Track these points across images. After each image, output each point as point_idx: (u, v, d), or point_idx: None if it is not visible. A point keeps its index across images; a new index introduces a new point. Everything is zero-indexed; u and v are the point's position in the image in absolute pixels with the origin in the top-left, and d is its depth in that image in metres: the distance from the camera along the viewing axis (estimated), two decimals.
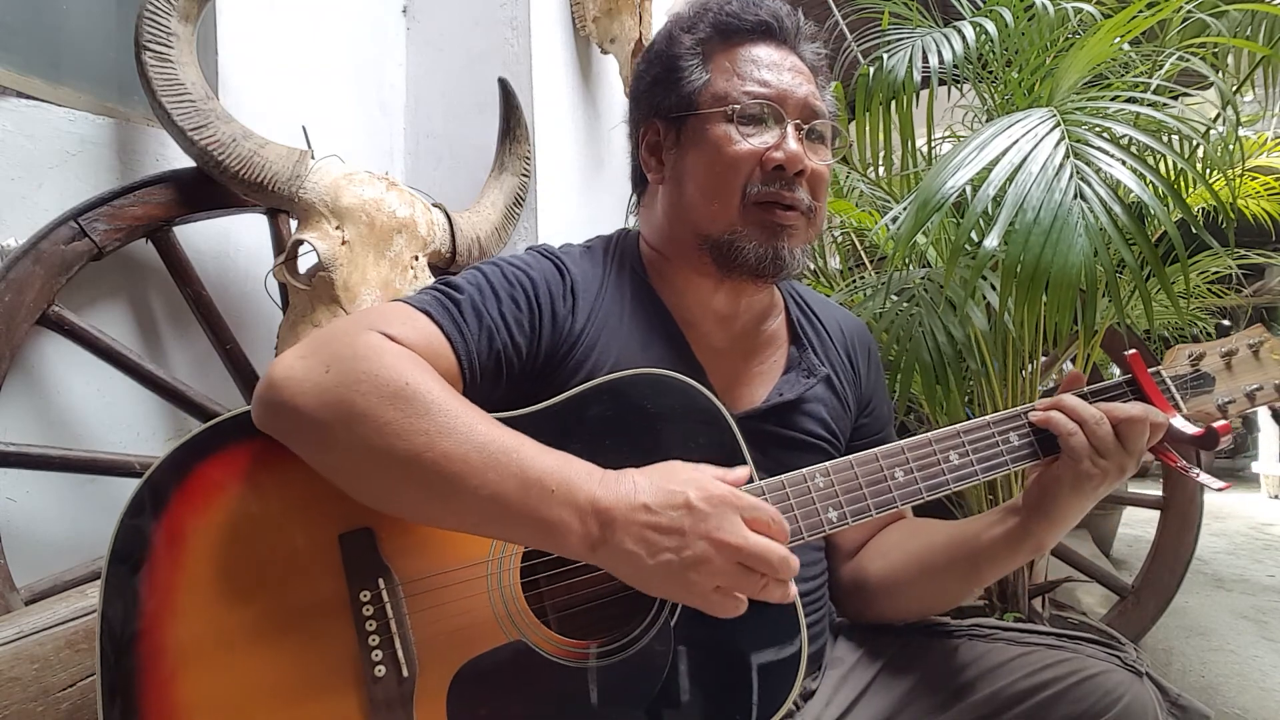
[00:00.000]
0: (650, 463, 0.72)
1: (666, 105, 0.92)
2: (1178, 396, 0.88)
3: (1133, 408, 0.80)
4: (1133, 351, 0.88)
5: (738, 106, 0.87)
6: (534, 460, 0.66)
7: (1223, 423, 0.86)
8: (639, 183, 1.00)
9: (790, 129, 0.87)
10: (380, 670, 0.69)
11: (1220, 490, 0.89)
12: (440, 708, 0.71)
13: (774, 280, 0.90)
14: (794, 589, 0.68)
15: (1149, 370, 0.88)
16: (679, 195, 0.91)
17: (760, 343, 0.97)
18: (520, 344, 0.83)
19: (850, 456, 0.80)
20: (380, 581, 0.71)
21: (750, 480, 0.77)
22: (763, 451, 0.81)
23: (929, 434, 0.82)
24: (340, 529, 0.72)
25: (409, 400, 0.66)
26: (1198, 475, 0.87)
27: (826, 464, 0.79)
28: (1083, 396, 0.84)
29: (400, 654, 0.70)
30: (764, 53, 0.90)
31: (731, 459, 0.78)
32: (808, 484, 0.78)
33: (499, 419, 0.75)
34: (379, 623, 0.70)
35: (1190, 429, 0.84)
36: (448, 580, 0.73)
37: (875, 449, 0.81)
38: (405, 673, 0.70)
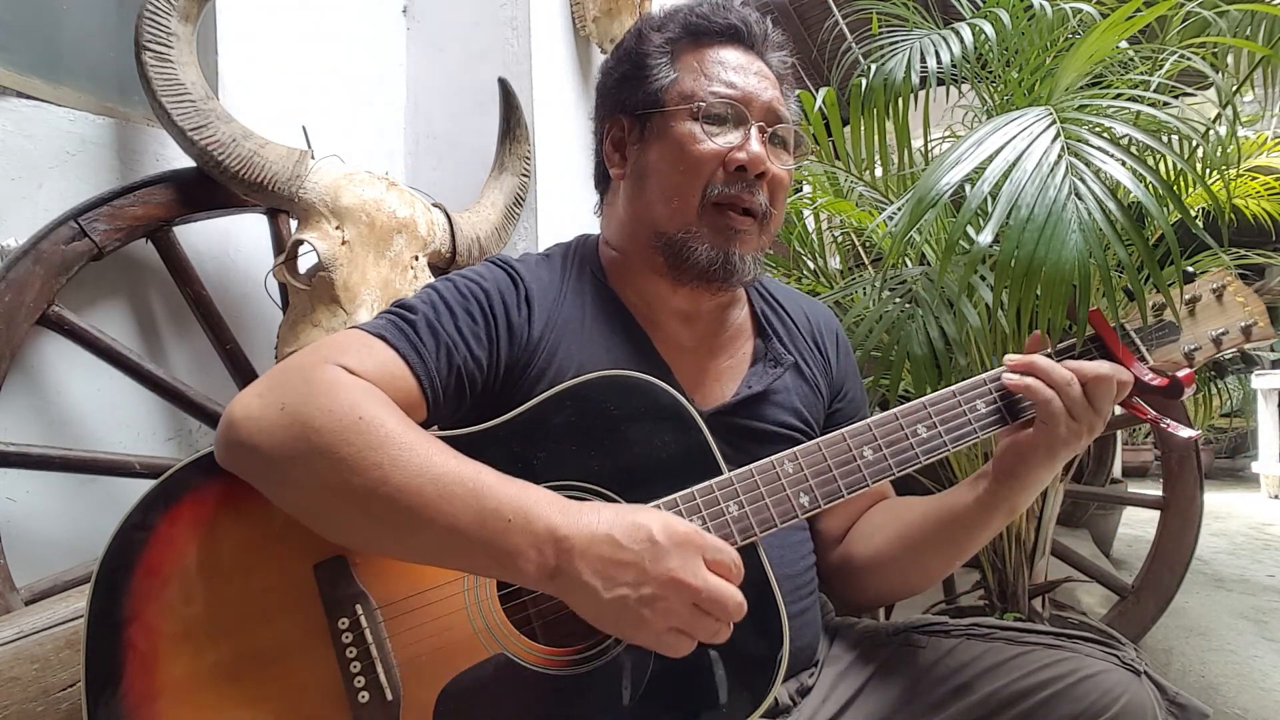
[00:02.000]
0: (618, 465, 0.72)
1: (633, 101, 0.92)
2: (1142, 348, 0.88)
3: (1100, 366, 0.81)
4: (1094, 308, 0.87)
5: (703, 105, 0.88)
6: (490, 490, 0.66)
7: (1186, 372, 0.86)
8: (601, 180, 1.00)
9: (754, 131, 0.88)
10: (364, 696, 0.69)
11: (1189, 437, 0.91)
12: None
13: (724, 286, 0.90)
14: (726, 634, 0.67)
15: (1111, 324, 0.88)
16: (640, 191, 0.92)
17: (726, 338, 0.97)
18: (480, 356, 0.83)
19: (818, 439, 0.80)
20: (358, 608, 0.71)
21: (721, 474, 0.77)
22: (735, 447, 0.82)
23: (895, 410, 0.82)
24: (315, 559, 0.72)
25: (362, 434, 0.66)
26: (1167, 425, 0.87)
27: (794, 449, 0.79)
28: (1047, 358, 0.85)
29: (383, 677, 0.69)
30: (731, 56, 0.91)
31: (700, 456, 0.78)
32: (776, 471, 0.78)
33: (465, 434, 0.75)
34: (359, 648, 0.70)
35: (1155, 380, 0.84)
36: (425, 600, 0.73)
37: (843, 429, 0.81)
38: (389, 696, 0.69)
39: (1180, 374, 0.85)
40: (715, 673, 0.75)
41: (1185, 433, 0.89)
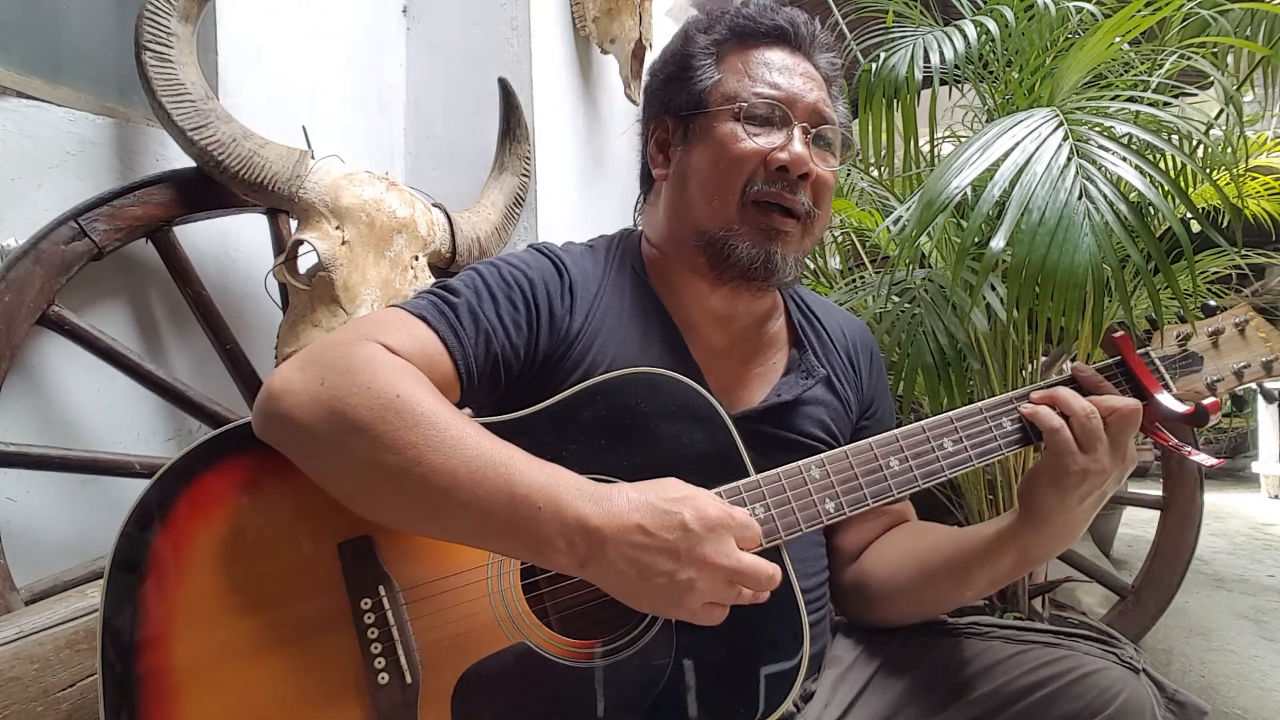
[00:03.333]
0: (645, 462, 0.72)
1: (677, 103, 0.93)
2: (1167, 376, 0.88)
3: (1128, 401, 0.80)
4: (1120, 333, 0.88)
5: (745, 105, 0.88)
6: (522, 476, 0.66)
7: (1212, 399, 0.86)
8: (646, 180, 1.00)
9: (797, 132, 0.87)
10: (384, 678, 0.69)
11: (1212, 466, 0.90)
12: (445, 713, 0.70)
13: (765, 285, 0.90)
14: (763, 597, 0.69)
15: (1137, 351, 0.88)
16: (681, 190, 0.91)
17: (760, 345, 0.97)
18: (518, 345, 0.83)
19: (845, 447, 0.80)
20: (381, 589, 0.71)
21: (747, 477, 0.77)
22: (760, 453, 0.81)
23: (923, 422, 0.82)
24: (339, 538, 0.72)
25: (399, 413, 0.66)
26: (1190, 453, 0.87)
27: (821, 456, 0.79)
28: (1072, 380, 0.85)
29: (403, 661, 0.70)
30: (777, 57, 0.91)
31: (727, 457, 0.78)
32: (803, 476, 0.78)
33: (494, 423, 0.75)
34: (381, 630, 0.70)
35: (1181, 407, 0.85)
36: (448, 585, 0.73)
37: (870, 439, 0.81)
38: (409, 679, 0.69)
39: (1206, 401, 0.85)
40: (735, 675, 0.75)
41: (1209, 461, 0.89)
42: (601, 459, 0.75)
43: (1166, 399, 0.85)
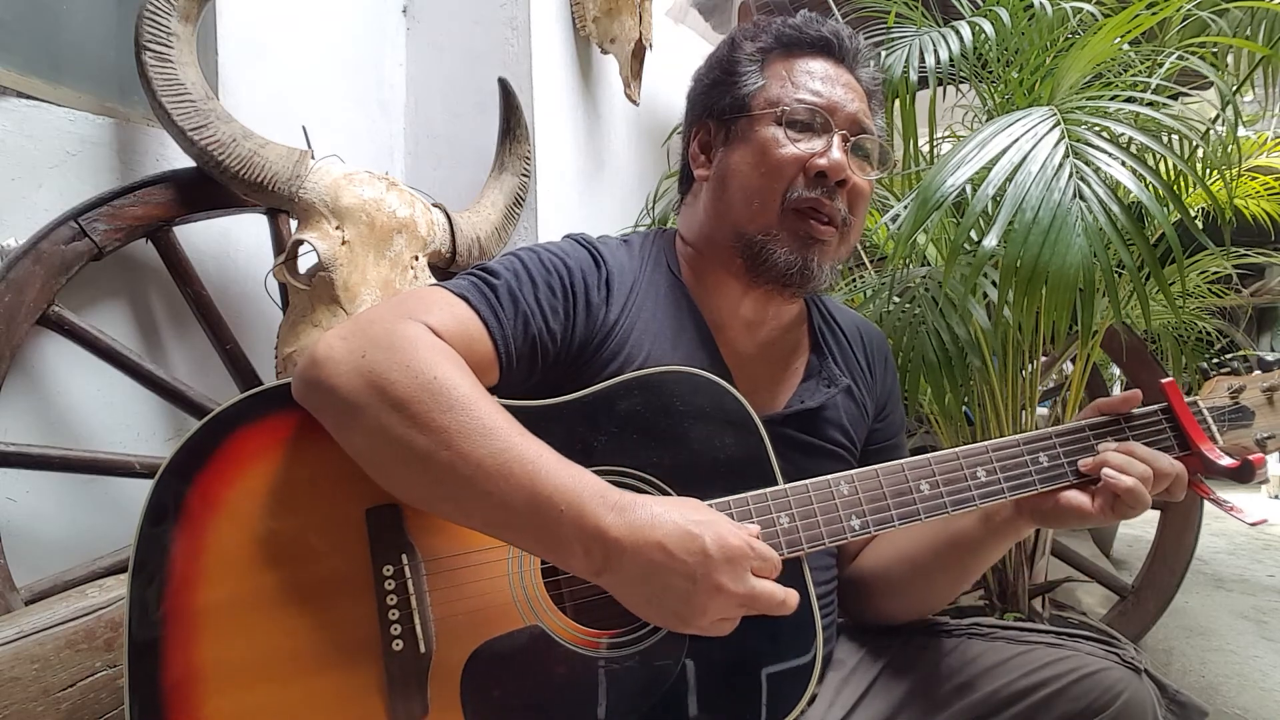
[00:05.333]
0: (676, 461, 0.73)
1: (720, 106, 0.94)
2: (1214, 428, 0.86)
3: (1174, 466, 0.80)
4: (1169, 379, 0.86)
5: (787, 110, 0.89)
6: (548, 476, 0.66)
7: (1258, 454, 0.84)
8: (685, 181, 1.02)
9: (836, 139, 0.89)
10: (398, 644, 0.70)
11: (1255, 524, 0.87)
12: (454, 685, 0.71)
13: (799, 291, 0.91)
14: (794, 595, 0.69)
15: (1186, 400, 0.86)
16: (721, 192, 0.93)
17: (784, 350, 0.98)
18: (555, 330, 0.84)
19: (876, 466, 0.80)
20: (404, 557, 0.72)
21: (775, 484, 0.78)
22: (782, 456, 0.82)
23: (957, 449, 0.82)
24: (368, 503, 0.74)
25: (435, 395, 0.68)
26: (1231, 509, 0.85)
27: (851, 472, 0.80)
28: (1115, 423, 0.84)
29: (419, 630, 0.71)
30: (820, 66, 0.93)
31: (757, 464, 0.79)
32: (832, 490, 0.78)
33: (531, 407, 0.76)
34: (400, 598, 0.72)
35: (1226, 461, 0.83)
36: (470, 561, 0.75)
37: (902, 460, 0.81)
38: (423, 648, 0.70)
39: (1251, 457, 0.83)
40: (744, 677, 0.75)
41: (1252, 519, 0.86)
42: (633, 453, 0.76)
43: (1212, 452, 0.83)
